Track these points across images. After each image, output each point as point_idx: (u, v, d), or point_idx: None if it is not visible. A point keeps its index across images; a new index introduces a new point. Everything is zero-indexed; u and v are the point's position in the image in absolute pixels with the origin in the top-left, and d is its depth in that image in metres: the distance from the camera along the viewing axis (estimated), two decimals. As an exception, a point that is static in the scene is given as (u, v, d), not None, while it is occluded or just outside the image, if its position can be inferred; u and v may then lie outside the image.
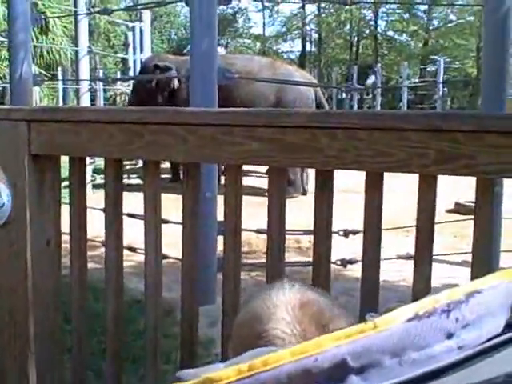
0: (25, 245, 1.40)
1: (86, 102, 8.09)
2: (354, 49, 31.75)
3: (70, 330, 1.74)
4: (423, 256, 1.21)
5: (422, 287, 1.16)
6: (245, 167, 1.37)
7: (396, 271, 4.29)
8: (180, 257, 2.40)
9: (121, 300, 1.43)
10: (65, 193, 1.62)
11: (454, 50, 27.50)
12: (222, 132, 1.17)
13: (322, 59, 31.83)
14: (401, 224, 5.01)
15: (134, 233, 2.74)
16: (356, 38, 31.54)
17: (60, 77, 11.54)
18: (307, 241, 5.41)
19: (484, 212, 1.15)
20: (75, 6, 7.57)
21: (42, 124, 1.37)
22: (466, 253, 4.54)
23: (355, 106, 25.51)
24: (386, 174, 1.28)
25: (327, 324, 0.72)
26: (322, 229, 1.25)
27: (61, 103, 13.06)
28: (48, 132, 1.37)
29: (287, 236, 1.36)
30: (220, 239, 3.66)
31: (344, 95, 31.23)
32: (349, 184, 6.86)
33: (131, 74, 10.31)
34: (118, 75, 14.99)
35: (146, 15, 9.67)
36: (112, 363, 1.47)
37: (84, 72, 7.79)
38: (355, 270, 4.56)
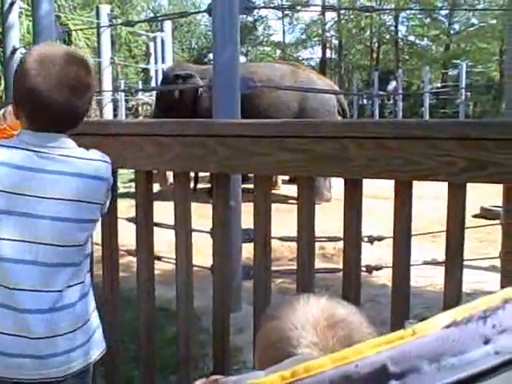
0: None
1: (108, 112, 8.20)
2: (375, 54, 31.68)
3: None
4: (454, 262, 1.22)
5: (452, 292, 1.17)
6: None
7: (422, 277, 4.26)
8: (203, 264, 2.42)
9: (153, 310, 1.45)
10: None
11: (476, 54, 27.32)
12: (252, 143, 1.19)
13: (343, 65, 31.81)
14: (427, 229, 4.99)
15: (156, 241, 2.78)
16: (376, 44, 31.48)
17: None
18: (332, 247, 5.40)
19: (513, 218, 1.15)
20: (97, 17, 7.66)
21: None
22: (492, 258, 4.51)
23: (376, 112, 25.43)
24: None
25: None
26: (352, 236, 1.26)
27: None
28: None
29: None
30: (244, 247, 3.68)
31: (365, 101, 31.19)
32: (370, 190, 6.82)
33: (153, 83, 10.41)
34: (140, 85, 15.11)
35: (167, 25, 9.75)
36: (146, 371, 1.49)
37: (106, 83, 7.90)
38: (380, 277, 4.55)
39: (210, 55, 36.05)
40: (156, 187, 8.63)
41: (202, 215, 2.92)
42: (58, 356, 1.38)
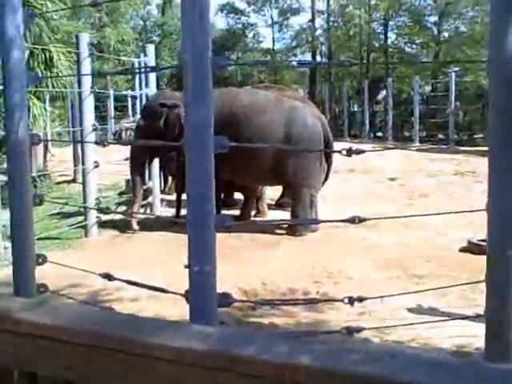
0: None
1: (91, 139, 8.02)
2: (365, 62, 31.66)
3: None
4: None
5: None
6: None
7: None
8: None
9: None
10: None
11: (465, 62, 27.31)
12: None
13: (333, 73, 31.76)
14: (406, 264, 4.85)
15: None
16: (366, 53, 31.47)
17: (69, 108, 11.52)
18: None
19: None
20: (77, 48, 7.48)
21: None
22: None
23: (367, 121, 25.44)
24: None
25: None
26: None
27: (71, 127, 13.07)
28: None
29: None
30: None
31: (356, 108, 31.16)
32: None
33: (138, 107, 10.29)
34: (129, 103, 14.96)
35: (150, 48, 9.61)
36: None
37: (88, 112, 7.74)
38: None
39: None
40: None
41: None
42: None
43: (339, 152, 3.03)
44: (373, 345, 3.92)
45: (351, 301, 4.03)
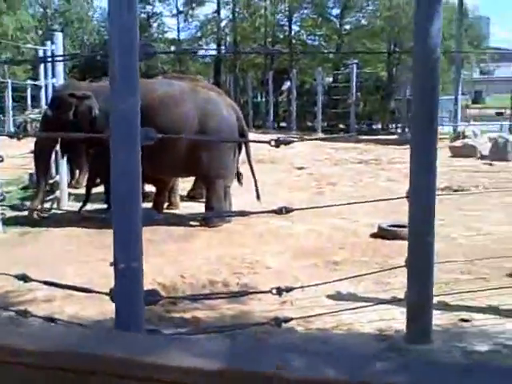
0: None
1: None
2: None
3: None
4: None
5: None
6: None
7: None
8: None
9: None
10: None
11: (365, 55, 28.21)
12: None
13: (238, 64, 31.84)
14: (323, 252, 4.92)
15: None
16: (271, 44, 31.73)
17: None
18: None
19: None
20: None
21: None
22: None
23: (271, 111, 25.76)
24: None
25: None
26: None
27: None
28: None
29: None
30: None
31: (260, 98, 31.39)
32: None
33: (43, 98, 9.87)
34: (29, 94, 14.34)
35: (58, 37, 9.20)
36: None
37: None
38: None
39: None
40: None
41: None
42: None
43: (268, 143, 3.01)
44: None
45: (279, 291, 4.06)
